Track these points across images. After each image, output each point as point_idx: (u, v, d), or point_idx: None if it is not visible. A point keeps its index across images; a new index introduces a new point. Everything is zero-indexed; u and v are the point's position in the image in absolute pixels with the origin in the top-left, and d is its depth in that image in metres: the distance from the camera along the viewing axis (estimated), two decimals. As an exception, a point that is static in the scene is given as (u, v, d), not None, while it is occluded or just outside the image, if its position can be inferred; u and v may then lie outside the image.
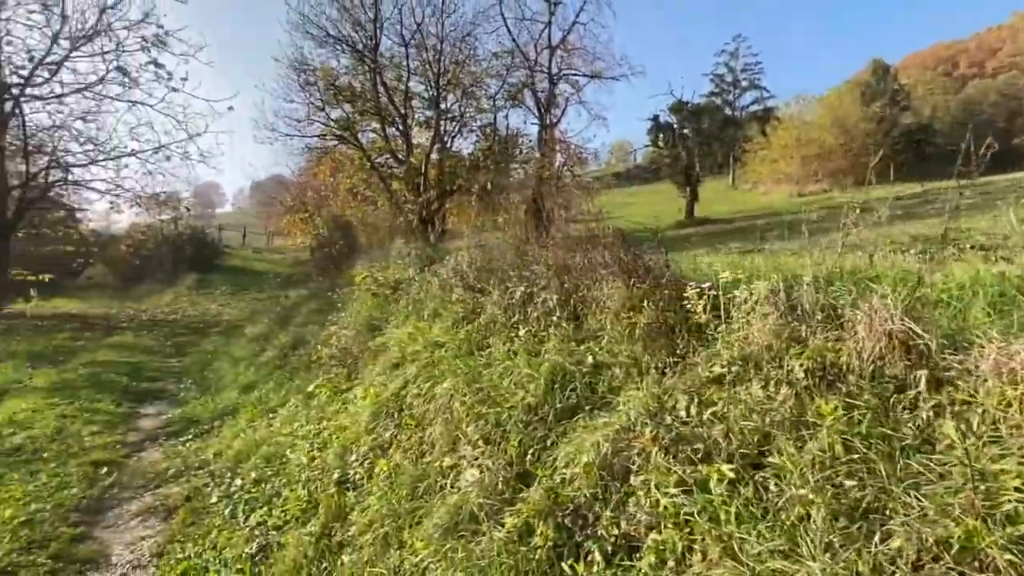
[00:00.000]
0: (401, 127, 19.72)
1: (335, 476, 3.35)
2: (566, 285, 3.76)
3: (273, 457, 3.99)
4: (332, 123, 18.76)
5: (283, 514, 3.26)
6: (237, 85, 24.71)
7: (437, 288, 4.83)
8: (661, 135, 29.64)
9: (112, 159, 15.18)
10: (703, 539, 1.86)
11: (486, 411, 3.01)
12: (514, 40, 22.53)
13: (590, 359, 3.13)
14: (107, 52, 14.36)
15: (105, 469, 4.39)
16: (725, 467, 2.04)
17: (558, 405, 2.85)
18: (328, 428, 4.09)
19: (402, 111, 19.53)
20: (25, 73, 13.84)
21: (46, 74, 14.11)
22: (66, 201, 18.11)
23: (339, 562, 2.70)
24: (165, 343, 10.60)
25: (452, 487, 2.75)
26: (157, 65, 14.77)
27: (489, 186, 20.42)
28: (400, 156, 19.99)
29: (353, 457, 3.44)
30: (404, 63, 19.52)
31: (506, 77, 20.03)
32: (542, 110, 23.36)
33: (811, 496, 1.76)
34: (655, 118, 29.44)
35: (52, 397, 6.18)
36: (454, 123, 21.17)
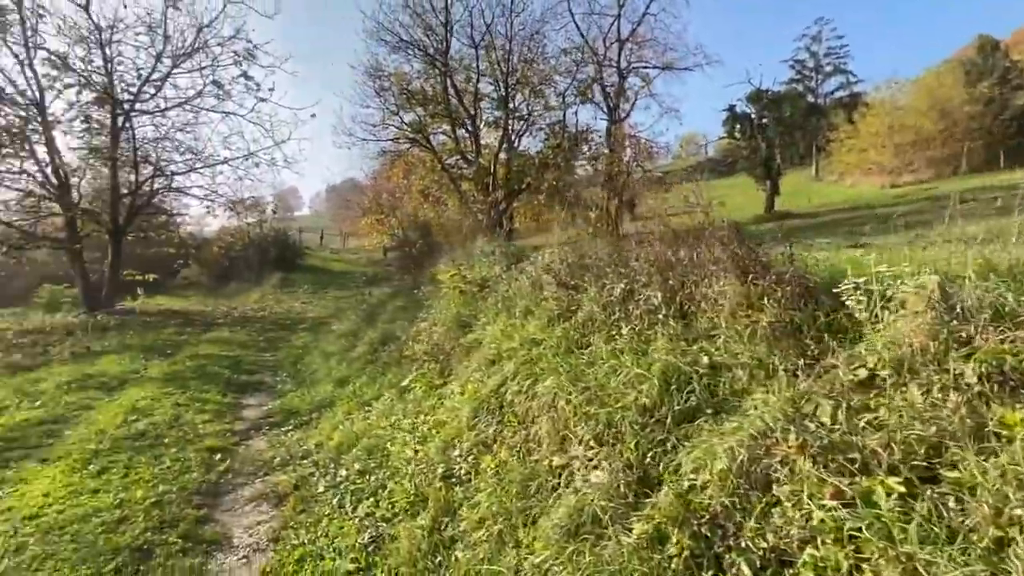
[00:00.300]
0: (471, 128, 20.00)
1: (439, 470, 3.37)
2: (670, 282, 3.59)
3: (374, 449, 4.08)
4: (405, 126, 19.33)
5: (390, 506, 3.32)
6: (317, 93, 26.06)
7: (527, 285, 4.78)
8: (738, 126, 28.28)
9: (208, 167, 16.37)
10: (875, 558, 1.67)
11: (595, 411, 2.91)
12: (583, 35, 22.31)
13: (705, 359, 2.96)
14: (204, 67, 15.52)
15: (219, 456, 4.67)
16: (892, 480, 1.83)
17: (676, 407, 2.70)
18: (426, 422, 4.14)
19: (471, 112, 19.81)
20: (134, 90, 15.17)
21: (152, 90, 15.42)
22: (167, 206, 19.70)
23: (453, 557, 2.69)
24: (258, 338, 11.28)
25: (566, 487, 2.67)
26: (247, 77, 15.77)
27: (558, 184, 20.38)
28: (469, 157, 20.27)
29: (456, 452, 3.45)
30: (473, 64, 19.79)
31: (575, 73, 19.73)
32: (611, 105, 22.95)
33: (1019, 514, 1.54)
34: (731, 108, 28.13)
35: (166, 387, 6.70)
36: (522, 122, 21.20)
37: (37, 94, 13.73)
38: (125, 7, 15.82)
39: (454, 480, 3.27)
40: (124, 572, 2.98)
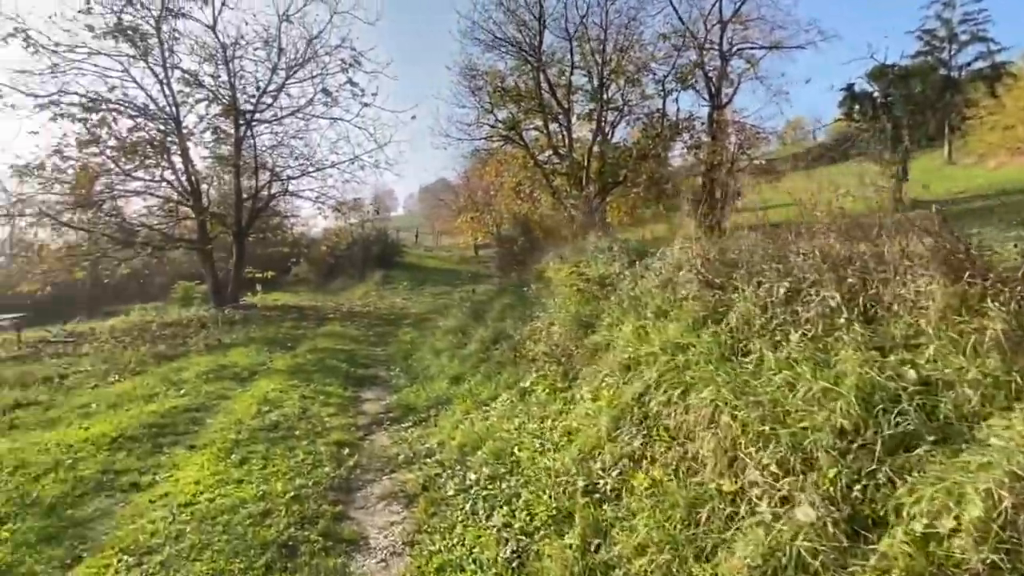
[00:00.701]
0: (564, 122, 19.68)
1: (580, 483, 3.12)
2: (849, 280, 3.08)
3: (501, 453, 3.93)
4: (499, 124, 19.42)
5: (528, 518, 3.12)
6: (417, 96, 27.08)
7: (656, 284, 4.41)
8: (857, 106, 25.59)
9: (318, 170, 17.38)
10: None
11: (771, 430, 2.51)
12: (681, 19, 21.17)
13: (912, 374, 2.46)
14: (314, 76, 16.48)
15: (347, 450, 4.75)
16: None
17: (885, 432, 2.25)
18: (554, 428, 3.93)
19: (565, 105, 19.49)
20: (254, 102, 16.40)
21: (269, 100, 16.60)
22: (281, 209, 21.21)
23: (613, 586, 2.43)
24: (367, 333, 11.75)
25: (747, 518, 2.31)
26: (352, 84, 16.54)
27: (655, 177, 19.53)
28: (562, 152, 19.96)
29: (598, 465, 3.19)
30: (567, 57, 19.46)
31: (675, 59, 18.71)
32: (712, 90, 21.58)
33: None
34: (849, 87, 25.51)
35: (292, 379, 7.05)
36: (616, 113, 20.52)
37: (174, 109, 15.23)
38: (247, 24, 17.20)
39: (599, 496, 3.00)
40: (273, 568, 3.02)
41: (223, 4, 15.07)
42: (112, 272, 15.66)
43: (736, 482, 2.52)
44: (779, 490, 2.32)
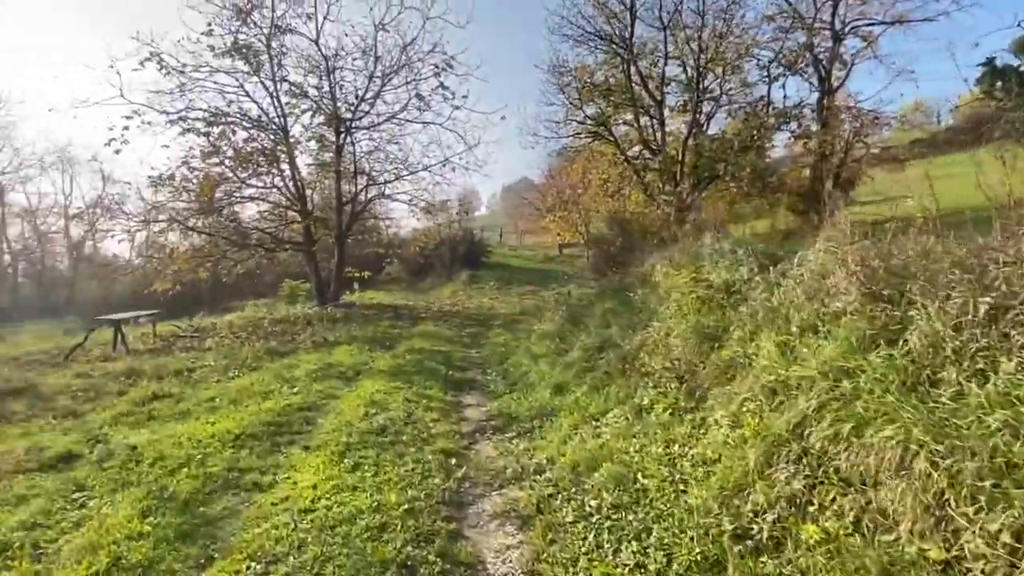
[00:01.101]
0: (656, 115, 18.84)
1: (727, 526, 2.74)
2: (1086, 296, 2.44)
3: (623, 479, 3.60)
4: (588, 120, 18.96)
5: (666, 560, 2.78)
6: (505, 96, 27.39)
7: (801, 295, 3.87)
8: (999, 83, 22.24)
9: (411, 174, 17.89)
10: None
11: (1000, 489, 2.00)
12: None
13: None
14: (408, 82, 16.95)
15: (454, 460, 4.64)
16: None
17: None
18: (683, 455, 3.55)
19: (657, 98, 18.65)
20: (353, 109, 17.15)
21: (366, 107, 17.29)
22: (377, 211, 22.10)
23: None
24: (460, 333, 11.86)
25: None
26: (444, 87, 16.82)
27: (757, 169, 18.17)
28: (654, 146, 19.12)
29: (748, 507, 2.78)
30: (659, 48, 18.62)
31: (783, 42, 17.25)
32: (822, 73, 19.72)
33: None
34: (989, 61, 22.22)
35: (394, 381, 7.15)
36: (712, 103, 19.34)
37: (282, 120, 16.27)
38: (346, 35, 18.04)
39: (753, 544, 2.60)
40: (394, 589, 2.91)
41: (325, 18, 15.87)
42: (230, 272, 17.03)
43: (948, 549, 2.03)
44: (1019, 568, 1.82)
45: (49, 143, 28.00)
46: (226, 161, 15.17)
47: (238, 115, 15.57)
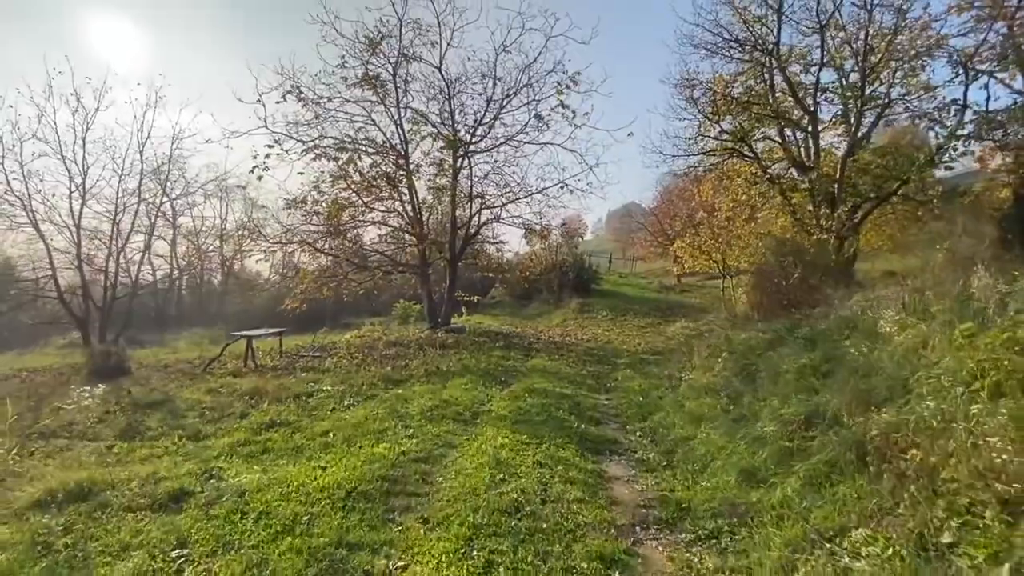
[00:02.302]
0: (811, 128, 16.50)
1: None
2: None
3: None
4: (724, 135, 17.11)
5: None
6: (630, 112, 26.46)
7: None
8: None
9: (527, 196, 17.21)
10: None
11: None
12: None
13: None
14: (528, 102, 16.37)
15: (616, 573, 3.41)
16: None
17: None
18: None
19: (810, 108, 16.34)
20: (471, 132, 16.89)
21: (484, 131, 16.97)
22: (489, 235, 21.75)
23: None
24: (581, 371, 10.67)
25: None
26: (564, 106, 16.02)
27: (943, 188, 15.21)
28: (805, 163, 16.72)
29: None
30: (811, 52, 16.38)
31: (986, 33, 14.26)
32: (1025, 73, 16.14)
33: None
34: None
35: (518, 431, 6.11)
36: (876, 113, 16.54)
37: (404, 147, 16.42)
38: (468, 60, 17.99)
39: None
40: None
41: (448, 44, 15.85)
42: (350, 292, 17.39)
43: None
44: None
45: (211, 173, 31.53)
46: (352, 185, 15.51)
47: (364, 142, 15.94)
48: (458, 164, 16.91)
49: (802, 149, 17.35)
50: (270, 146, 14.65)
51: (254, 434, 6.64)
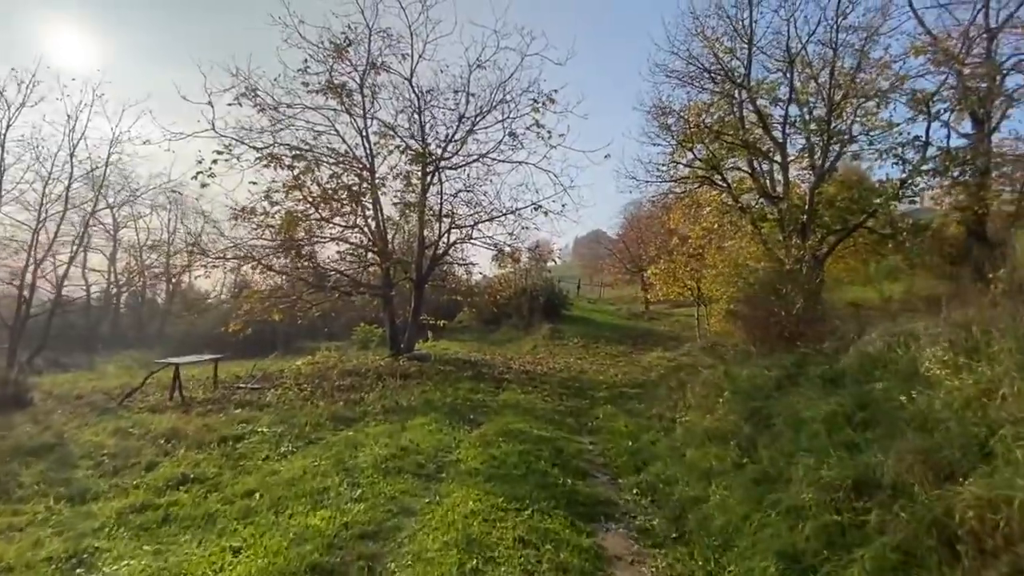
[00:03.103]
0: (778, 159, 16.39)
1: None
2: None
3: None
4: (697, 163, 16.80)
5: None
6: (605, 136, 26.09)
7: None
8: None
9: (503, 215, 16.36)
10: None
11: None
12: (930, 32, 16.88)
13: None
14: (503, 119, 15.66)
15: None
16: None
17: None
18: None
19: (780, 140, 16.26)
20: (442, 148, 16.01)
21: (456, 147, 16.12)
22: (458, 256, 20.69)
23: None
24: (557, 406, 9.63)
25: None
26: (539, 126, 15.38)
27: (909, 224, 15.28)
28: (772, 194, 16.57)
29: None
30: (780, 86, 16.40)
31: (945, 78, 14.47)
32: (978, 114, 16.61)
33: None
34: None
35: (493, 493, 4.99)
36: (839, 146, 16.65)
37: (369, 159, 15.39)
38: (441, 72, 17.26)
39: None
40: None
41: (420, 57, 15.06)
42: (305, 314, 15.93)
43: None
44: None
45: (159, 182, 29.28)
46: (309, 197, 14.28)
47: (324, 151, 14.82)
48: (428, 180, 15.95)
49: (769, 180, 17.26)
50: (219, 152, 13.31)
51: (157, 495, 5.29)
